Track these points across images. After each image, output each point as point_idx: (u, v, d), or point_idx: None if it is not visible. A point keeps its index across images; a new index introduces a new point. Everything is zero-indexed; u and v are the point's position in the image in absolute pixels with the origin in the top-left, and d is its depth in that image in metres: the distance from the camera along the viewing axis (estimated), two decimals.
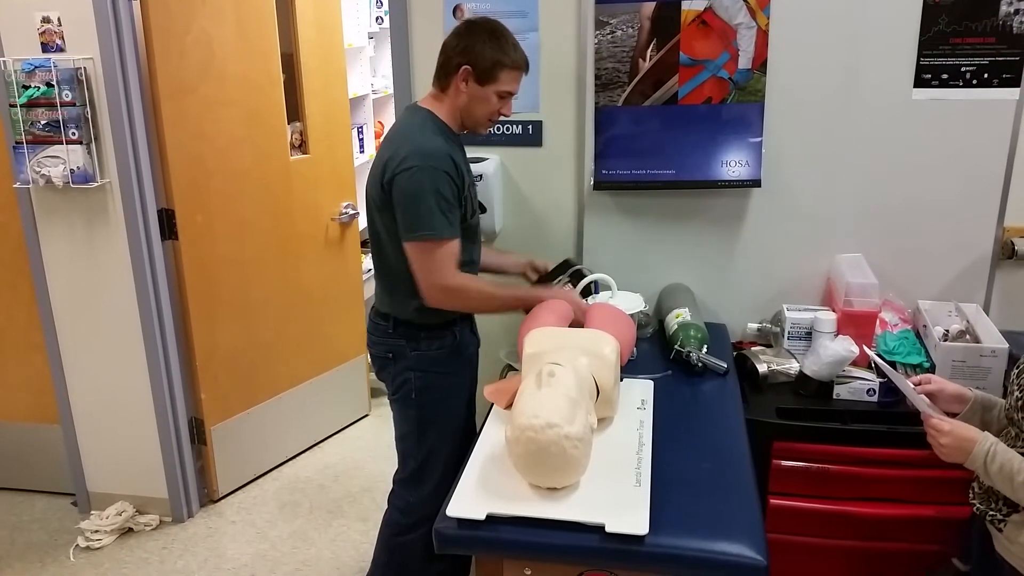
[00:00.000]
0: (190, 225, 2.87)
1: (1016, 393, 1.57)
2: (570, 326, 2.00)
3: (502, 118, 2.04)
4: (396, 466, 2.20)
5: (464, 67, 1.92)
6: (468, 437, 2.25)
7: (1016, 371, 1.61)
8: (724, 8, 2.24)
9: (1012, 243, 2.30)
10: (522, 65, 1.97)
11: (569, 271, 2.31)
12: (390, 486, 2.23)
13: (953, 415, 1.70)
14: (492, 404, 1.92)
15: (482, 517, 1.51)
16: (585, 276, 2.30)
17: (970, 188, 2.30)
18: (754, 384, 2.17)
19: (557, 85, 2.42)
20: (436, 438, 2.10)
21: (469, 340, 2.17)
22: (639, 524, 1.46)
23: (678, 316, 2.23)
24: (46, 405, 3.04)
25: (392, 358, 2.08)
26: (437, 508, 2.09)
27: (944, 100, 2.24)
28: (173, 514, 3.04)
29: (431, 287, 1.93)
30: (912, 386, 1.72)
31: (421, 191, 1.86)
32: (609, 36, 2.32)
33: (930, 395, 1.72)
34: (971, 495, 1.68)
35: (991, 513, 1.61)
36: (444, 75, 1.97)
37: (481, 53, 1.91)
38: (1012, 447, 1.54)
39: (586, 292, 2.31)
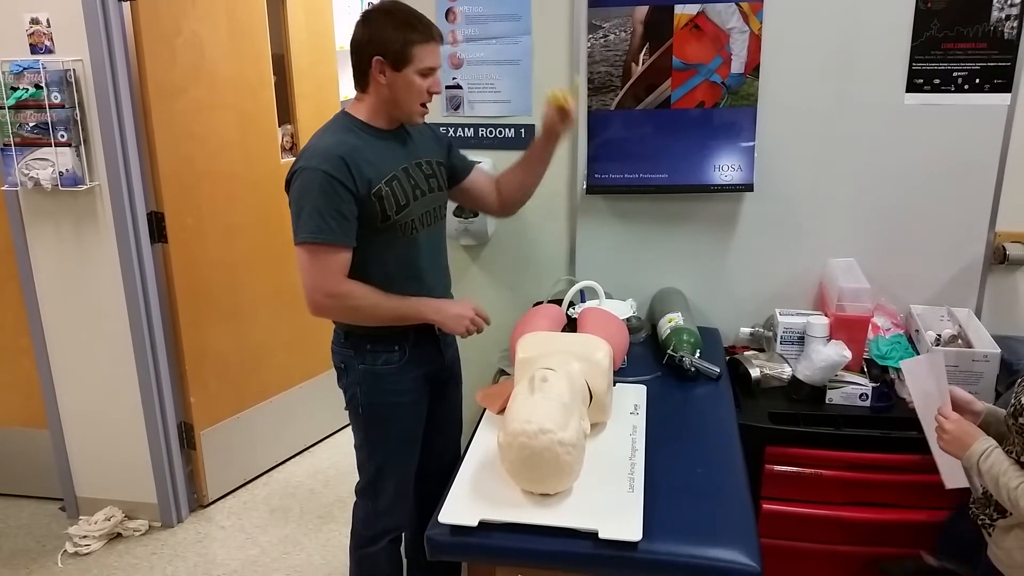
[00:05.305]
0: (180, 228, 2.86)
1: (1013, 400, 1.58)
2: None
3: (436, 97, 1.91)
4: None
5: (375, 58, 1.80)
6: (438, 453, 2.18)
7: (1021, 379, 1.62)
8: (717, 12, 2.24)
9: (1004, 248, 2.30)
10: (434, 36, 1.84)
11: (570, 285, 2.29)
12: None
13: None
14: (484, 409, 1.91)
15: (474, 523, 1.50)
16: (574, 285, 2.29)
17: (962, 193, 2.30)
18: (747, 389, 2.17)
19: None
20: (384, 455, 2.03)
21: (429, 358, 2.05)
22: (632, 530, 1.45)
23: (671, 320, 2.23)
24: (34, 409, 3.01)
25: (344, 369, 2.02)
26: (394, 524, 2.08)
27: (936, 105, 2.25)
28: (162, 519, 3.01)
29: (311, 293, 1.83)
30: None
31: (303, 193, 1.78)
32: (602, 40, 2.32)
33: None
34: (971, 499, 1.70)
35: (982, 517, 1.63)
36: (360, 74, 1.86)
37: (387, 37, 1.79)
38: (1010, 455, 1.54)
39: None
